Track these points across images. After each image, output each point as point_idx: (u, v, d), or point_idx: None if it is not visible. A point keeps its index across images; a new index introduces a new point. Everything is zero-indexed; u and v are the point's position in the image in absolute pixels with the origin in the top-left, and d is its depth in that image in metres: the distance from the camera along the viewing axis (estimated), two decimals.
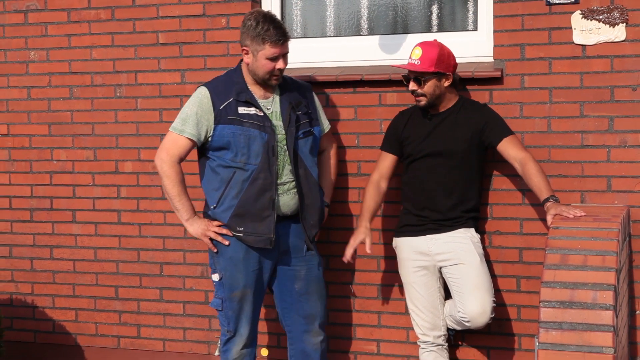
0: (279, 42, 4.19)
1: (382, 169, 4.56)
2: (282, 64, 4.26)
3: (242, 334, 4.47)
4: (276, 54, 4.22)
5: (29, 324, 5.61)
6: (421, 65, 4.23)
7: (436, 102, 4.37)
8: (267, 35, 4.18)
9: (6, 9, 5.50)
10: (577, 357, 3.56)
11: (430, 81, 4.27)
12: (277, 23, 4.22)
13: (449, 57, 4.29)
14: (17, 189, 5.58)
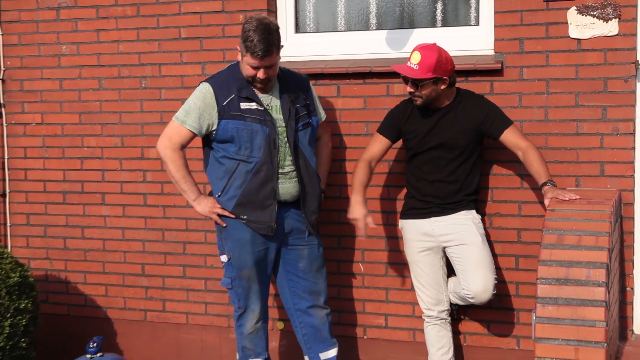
0: (257, 55, 4.09)
1: (374, 151, 4.51)
2: (262, 74, 4.18)
3: (254, 309, 4.48)
4: (255, 65, 4.15)
5: (63, 298, 5.65)
6: (419, 70, 4.15)
7: (432, 102, 4.32)
8: (249, 47, 4.11)
9: (39, 6, 5.52)
10: (571, 330, 3.59)
11: (427, 85, 4.21)
12: (264, 37, 4.08)
13: (446, 63, 4.20)
14: (51, 174, 5.61)
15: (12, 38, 5.60)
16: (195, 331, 5.33)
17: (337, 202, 4.91)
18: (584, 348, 3.55)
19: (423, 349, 4.68)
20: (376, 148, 4.51)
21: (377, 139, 4.53)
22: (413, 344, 4.85)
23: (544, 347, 3.61)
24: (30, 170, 5.65)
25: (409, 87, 4.26)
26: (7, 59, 5.63)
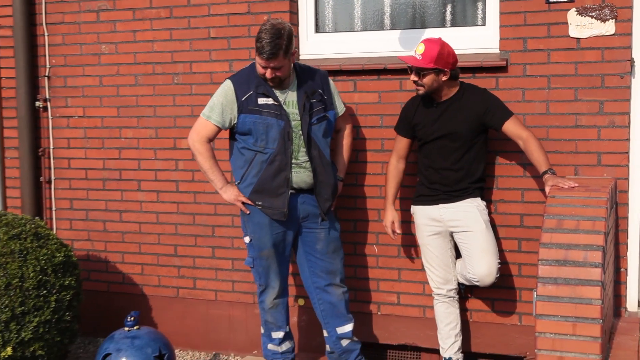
0: (262, 56, 4.16)
1: (399, 150, 4.56)
2: (269, 74, 4.23)
3: (274, 286, 4.53)
4: (262, 65, 4.22)
5: (103, 276, 5.70)
6: (422, 61, 4.19)
7: (434, 92, 4.34)
8: (258, 47, 4.19)
9: (81, 9, 5.55)
10: (569, 308, 3.59)
11: (428, 75, 4.24)
12: (272, 40, 4.13)
13: (448, 56, 4.21)
14: (92, 162, 5.65)
15: (57, 38, 5.63)
16: (223, 307, 5.35)
17: (353, 189, 4.93)
18: (581, 324, 3.55)
19: (432, 324, 4.69)
20: (399, 147, 4.56)
21: (397, 139, 4.57)
22: (423, 319, 4.86)
23: (544, 323, 3.61)
24: (73, 159, 5.69)
25: (413, 76, 4.30)
26: (52, 58, 5.67)
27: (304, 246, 4.54)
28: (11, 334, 4.51)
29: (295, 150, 4.34)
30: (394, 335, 4.97)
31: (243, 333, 5.32)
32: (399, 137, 4.56)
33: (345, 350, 4.62)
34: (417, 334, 4.90)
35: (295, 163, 4.34)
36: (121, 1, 5.43)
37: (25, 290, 4.58)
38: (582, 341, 3.56)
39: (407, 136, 4.53)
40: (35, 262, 4.68)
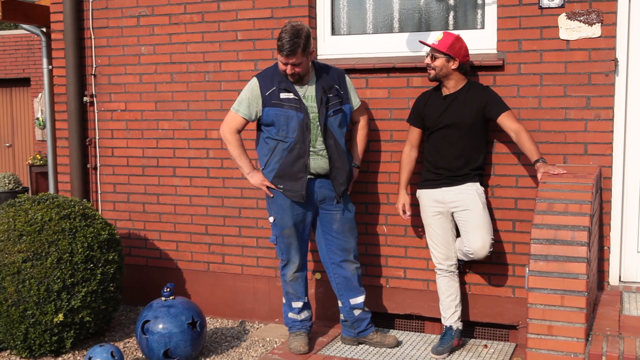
0: (282, 53, 4.21)
1: (412, 139, 4.57)
2: (289, 70, 4.27)
3: (294, 261, 4.55)
4: (283, 62, 4.25)
5: (142, 252, 5.73)
6: (438, 45, 4.27)
7: (443, 79, 4.36)
8: (279, 46, 4.23)
9: (124, 14, 5.57)
10: (558, 282, 3.60)
11: (440, 59, 4.29)
12: (291, 39, 4.17)
13: (460, 48, 4.28)
14: (132, 151, 5.68)
15: (102, 41, 5.66)
16: (249, 280, 5.37)
17: (364, 175, 4.92)
18: (568, 296, 3.56)
19: (435, 296, 4.70)
20: (412, 136, 4.56)
21: (410, 129, 4.58)
22: (427, 292, 4.86)
23: (536, 296, 3.62)
24: (116, 148, 5.72)
25: (427, 59, 4.35)
26: (97, 58, 5.70)
27: (321, 226, 4.56)
28: (62, 302, 4.56)
29: (313, 139, 4.35)
30: (400, 306, 4.98)
31: (266, 303, 5.33)
32: (411, 127, 4.57)
33: (358, 319, 4.63)
34: (421, 305, 4.91)
35: (312, 151, 4.36)
36: (159, 8, 5.44)
37: (75, 264, 4.63)
38: (569, 311, 3.57)
39: (418, 126, 4.53)
40: (83, 239, 4.73)
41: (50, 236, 4.64)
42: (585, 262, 3.58)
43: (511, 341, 4.76)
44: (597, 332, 3.71)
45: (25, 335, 4.56)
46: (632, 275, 4.51)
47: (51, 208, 4.81)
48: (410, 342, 4.77)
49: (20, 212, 4.76)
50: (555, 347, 3.58)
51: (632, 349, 3.49)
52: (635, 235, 4.49)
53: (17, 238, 4.61)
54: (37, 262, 4.54)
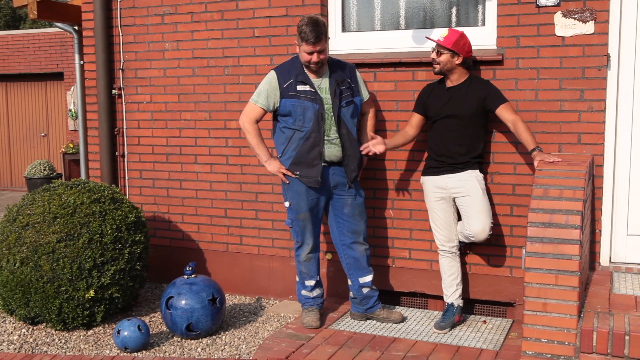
0: (310, 42, 4.19)
1: (412, 122, 4.57)
2: (316, 58, 4.25)
3: (308, 243, 4.55)
4: (309, 50, 4.23)
5: (167, 233, 5.75)
6: (443, 42, 4.25)
7: (447, 74, 4.34)
8: (304, 37, 4.21)
9: (149, 13, 5.57)
10: (552, 262, 3.58)
11: (445, 55, 4.27)
12: (314, 27, 4.18)
13: (464, 45, 4.26)
14: (157, 140, 5.69)
15: (129, 38, 5.67)
16: (265, 260, 5.38)
17: (373, 163, 4.92)
18: (562, 276, 3.54)
19: (438, 275, 4.71)
20: (412, 120, 4.55)
21: (412, 115, 4.57)
22: (430, 271, 4.86)
23: (532, 275, 3.60)
24: (142, 137, 5.74)
25: (433, 54, 4.33)
26: (125, 54, 5.71)
27: (333, 210, 4.56)
28: (93, 280, 4.59)
29: (327, 129, 4.35)
30: (405, 284, 4.98)
31: (281, 281, 5.35)
32: (413, 113, 4.56)
33: (366, 296, 4.64)
34: (425, 284, 4.91)
35: (327, 140, 4.35)
36: (181, 7, 5.44)
37: (104, 244, 4.66)
38: (563, 290, 3.55)
39: (419, 112, 4.52)
40: (112, 221, 4.75)
41: (82, 218, 4.67)
42: (578, 244, 3.56)
43: (508, 317, 4.76)
44: (588, 309, 3.70)
45: (59, 310, 4.60)
46: (621, 257, 4.50)
47: (83, 192, 4.84)
48: (414, 318, 4.77)
49: (55, 196, 4.80)
50: (550, 323, 3.57)
51: (621, 325, 3.47)
52: (624, 219, 4.47)
53: (52, 220, 4.64)
54: (70, 242, 4.58)
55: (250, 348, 4.35)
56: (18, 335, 4.67)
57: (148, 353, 4.31)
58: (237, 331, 4.67)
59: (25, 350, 4.41)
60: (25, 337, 4.63)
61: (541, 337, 3.59)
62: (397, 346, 4.23)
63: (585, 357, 3.50)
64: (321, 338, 4.38)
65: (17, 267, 4.58)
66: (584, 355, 3.50)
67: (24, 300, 4.62)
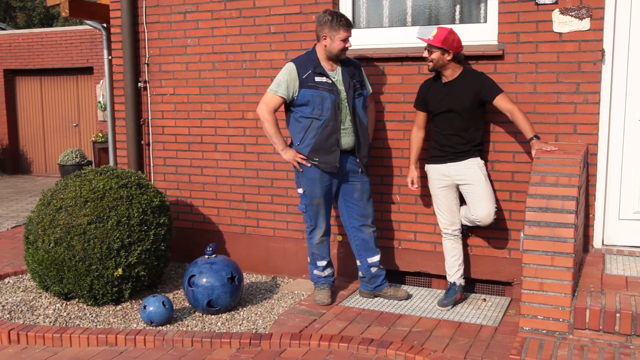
0: (345, 28, 4.25)
1: (418, 122, 4.54)
2: (349, 43, 4.32)
3: (321, 226, 4.55)
4: (345, 37, 4.26)
5: (189, 216, 5.76)
6: (432, 41, 4.21)
7: (441, 71, 4.30)
8: (341, 24, 4.23)
9: (172, 11, 5.56)
10: (549, 244, 3.60)
11: (436, 52, 4.24)
12: (342, 15, 4.28)
13: (452, 41, 4.20)
14: (180, 130, 5.69)
15: (154, 34, 5.66)
16: (280, 241, 5.38)
17: (380, 151, 4.91)
18: (557, 257, 3.56)
19: (441, 256, 4.72)
20: (418, 119, 4.53)
21: (416, 113, 4.54)
22: (434, 253, 4.86)
23: (529, 256, 3.62)
24: (166, 127, 5.73)
25: (425, 53, 4.30)
26: (150, 49, 5.69)
27: (343, 195, 4.56)
28: (121, 259, 4.61)
29: (343, 118, 4.34)
30: (411, 265, 4.98)
31: (294, 261, 5.35)
32: (417, 111, 4.53)
33: (374, 275, 4.65)
34: (429, 264, 4.91)
35: (342, 128, 4.35)
36: (202, 5, 5.42)
37: (131, 226, 4.67)
38: (558, 270, 3.57)
39: (423, 110, 4.49)
40: (138, 205, 4.76)
41: (111, 202, 4.68)
42: (573, 227, 3.56)
43: (507, 296, 4.75)
44: (582, 288, 3.70)
45: (90, 287, 4.62)
46: (613, 240, 4.48)
47: (111, 178, 4.85)
48: (419, 296, 4.78)
49: (85, 182, 4.81)
50: (546, 301, 3.58)
51: (613, 303, 3.48)
52: (616, 204, 4.45)
53: (83, 204, 4.66)
54: (99, 224, 4.59)
55: (266, 323, 4.36)
56: (53, 309, 4.71)
57: (172, 327, 4.33)
58: (254, 307, 4.68)
59: (60, 324, 4.45)
60: (59, 312, 4.67)
61: (537, 315, 3.61)
62: (403, 322, 4.24)
63: (578, 333, 3.52)
64: (332, 314, 4.40)
65: (52, 247, 4.60)
66: (577, 331, 3.52)
67: (58, 277, 4.65)
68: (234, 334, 4.07)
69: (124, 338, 4.12)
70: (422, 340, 3.92)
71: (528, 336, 3.58)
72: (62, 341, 4.16)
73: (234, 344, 4.00)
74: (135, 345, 4.09)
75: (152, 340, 4.08)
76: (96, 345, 4.12)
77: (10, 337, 4.23)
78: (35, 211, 4.88)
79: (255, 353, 3.91)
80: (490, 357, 3.68)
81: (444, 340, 3.93)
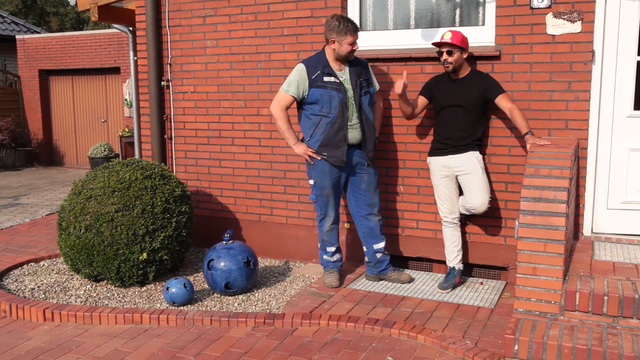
0: (355, 32, 4.22)
1: (417, 102, 4.50)
2: (357, 46, 4.29)
3: (331, 215, 4.55)
4: (352, 40, 4.23)
5: (208, 205, 5.75)
6: (453, 40, 4.18)
7: (457, 69, 4.26)
8: (347, 30, 4.19)
9: (193, 15, 5.54)
10: (542, 232, 3.57)
11: (456, 53, 4.21)
12: (348, 19, 4.24)
13: (465, 40, 4.23)
14: (200, 125, 5.68)
15: (176, 36, 5.64)
16: (292, 229, 5.37)
17: (385, 145, 4.89)
18: (550, 244, 3.53)
19: (441, 243, 4.70)
20: (418, 101, 4.49)
21: (418, 98, 4.51)
22: (435, 239, 4.84)
23: (524, 243, 3.59)
24: (187, 123, 5.72)
25: (444, 56, 4.24)
26: (172, 50, 5.68)
27: (352, 186, 4.54)
28: (145, 244, 4.62)
29: (350, 115, 4.32)
30: (413, 250, 4.96)
31: (305, 247, 5.34)
32: (420, 96, 4.50)
33: (379, 260, 4.65)
34: (430, 250, 4.89)
35: (349, 125, 4.33)
36: (221, 9, 5.40)
37: (155, 214, 4.68)
38: (550, 256, 3.54)
39: (425, 96, 4.47)
40: (161, 194, 4.77)
41: (136, 192, 4.69)
42: (564, 216, 3.54)
43: (502, 279, 4.73)
44: (572, 273, 3.68)
45: (117, 270, 4.63)
46: (601, 228, 4.45)
47: (137, 170, 4.85)
48: (421, 280, 4.77)
49: (113, 173, 4.82)
50: (539, 284, 3.56)
51: (601, 287, 3.46)
52: (605, 195, 4.41)
53: (111, 193, 4.67)
54: (126, 212, 4.60)
55: (280, 304, 4.36)
56: (84, 290, 4.72)
57: (192, 307, 4.34)
58: (268, 289, 4.68)
59: (90, 303, 4.47)
60: (89, 292, 4.68)
61: (531, 297, 3.59)
62: (406, 303, 4.24)
63: (568, 315, 3.50)
64: (340, 296, 4.40)
65: (82, 233, 4.61)
66: (567, 312, 3.50)
67: (88, 261, 4.66)
68: (249, 314, 4.08)
69: (148, 317, 4.13)
70: (424, 321, 3.92)
71: (522, 317, 3.56)
72: (92, 319, 4.19)
73: (249, 323, 4.01)
74: (159, 324, 4.11)
75: (174, 319, 4.09)
76: (123, 323, 4.14)
77: (46, 315, 4.26)
78: (67, 200, 4.89)
79: (269, 331, 3.91)
80: (487, 337, 3.67)
81: (443, 320, 3.93)
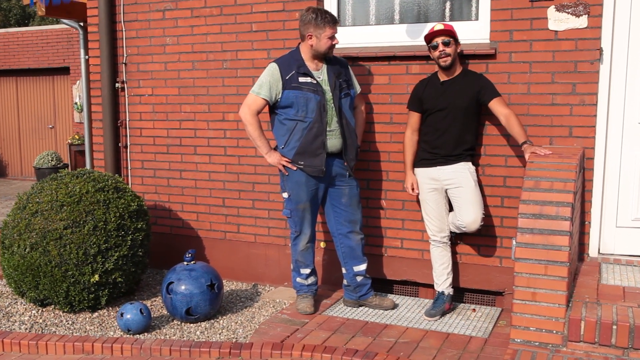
0: (331, 24, 4.18)
1: (412, 124, 4.42)
2: (337, 40, 4.24)
3: (306, 232, 4.46)
4: (331, 34, 4.18)
5: (167, 222, 5.68)
6: (449, 27, 4.13)
7: (450, 66, 4.20)
8: (326, 22, 4.16)
9: (150, 9, 5.48)
10: (542, 252, 3.52)
11: (453, 45, 4.17)
12: (326, 12, 4.21)
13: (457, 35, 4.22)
14: (158, 132, 5.61)
15: (132, 33, 5.58)
16: (261, 248, 5.30)
17: (366, 154, 4.82)
18: (551, 266, 3.49)
19: (429, 264, 4.63)
20: (412, 121, 4.41)
21: (410, 114, 4.43)
22: (421, 260, 4.77)
23: (522, 265, 3.54)
24: (144, 129, 5.66)
25: (441, 47, 4.14)
26: (128, 48, 5.61)
27: (331, 200, 4.46)
28: (98, 265, 4.59)
29: (329, 120, 4.25)
30: (397, 273, 4.89)
31: (276, 268, 5.26)
32: (411, 112, 4.42)
33: (360, 284, 4.57)
34: (416, 272, 4.81)
35: (329, 130, 4.26)
36: (182, 2, 5.34)
37: (108, 231, 4.65)
38: (552, 280, 3.50)
39: (417, 111, 4.38)
40: (115, 209, 4.74)
41: (87, 206, 4.65)
42: (568, 235, 3.49)
43: (497, 306, 4.67)
44: (577, 299, 3.65)
45: (66, 293, 4.60)
46: (610, 248, 4.39)
47: (88, 182, 4.83)
48: (405, 305, 4.70)
49: (62, 185, 4.79)
50: (539, 312, 3.52)
51: (609, 315, 3.42)
52: (614, 211, 4.36)
53: (59, 208, 4.63)
54: (76, 229, 4.56)
55: (247, 332, 4.30)
56: (29, 316, 4.69)
57: (149, 335, 4.30)
58: (234, 316, 4.62)
59: (36, 330, 4.44)
60: (35, 318, 4.64)
61: (530, 326, 3.55)
62: (389, 332, 4.17)
63: (572, 346, 3.46)
64: (315, 323, 4.34)
65: (27, 252, 4.58)
66: (571, 343, 3.46)
67: (33, 283, 4.63)
68: (213, 343, 4.02)
69: (100, 346, 4.09)
70: (409, 352, 3.85)
71: (519, 348, 3.51)
72: (38, 348, 4.15)
73: (213, 353, 3.95)
74: (112, 354, 4.06)
75: (130, 348, 4.05)
76: (72, 353, 4.09)
77: None
78: (10, 215, 4.88)
79: None
80: None
81: (431, 351, 3.86)
